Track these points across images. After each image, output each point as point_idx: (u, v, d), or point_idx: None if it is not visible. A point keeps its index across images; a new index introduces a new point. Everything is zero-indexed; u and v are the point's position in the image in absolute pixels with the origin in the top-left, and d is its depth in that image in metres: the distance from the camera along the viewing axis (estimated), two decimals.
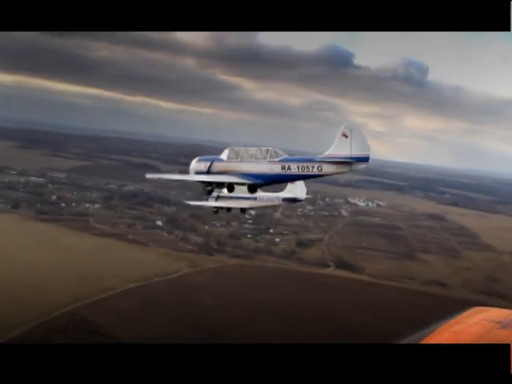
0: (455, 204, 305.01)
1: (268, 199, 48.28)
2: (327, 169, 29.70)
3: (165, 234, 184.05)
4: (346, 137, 28.39)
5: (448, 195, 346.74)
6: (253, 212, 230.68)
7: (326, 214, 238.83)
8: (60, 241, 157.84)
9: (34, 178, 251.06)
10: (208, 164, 32.96)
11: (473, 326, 10.22)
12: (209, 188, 33.51)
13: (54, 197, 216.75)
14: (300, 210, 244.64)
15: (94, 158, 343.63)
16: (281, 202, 48.64)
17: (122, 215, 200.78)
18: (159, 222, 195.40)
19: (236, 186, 40.28)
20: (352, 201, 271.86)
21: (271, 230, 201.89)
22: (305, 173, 30.09)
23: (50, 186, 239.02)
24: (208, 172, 32.42)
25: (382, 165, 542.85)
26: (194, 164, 34.09)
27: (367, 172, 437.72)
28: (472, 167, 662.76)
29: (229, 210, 49.27)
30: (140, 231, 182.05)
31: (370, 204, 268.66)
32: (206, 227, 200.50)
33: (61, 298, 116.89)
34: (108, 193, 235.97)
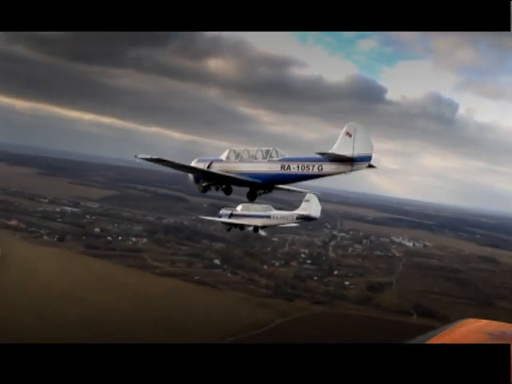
0: (494, 245, 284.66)
1: (282, 217, 45.25)
2: (328, 168, 27.20)
3: (228, 274, 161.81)
4: (350, 135, 25.91)
5: (478, 236, 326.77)
6: (307, 250, 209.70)
7: (380, 254, 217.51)
8: (122, 281, 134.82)
9: (68, 208, 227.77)
10: (207, 164, 31.31)
11: (464, 336, 9.40)
12: (204, 184, 31.65)
13: (96, 229, 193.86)
14: (351, 249, 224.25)
15: (119, 187, 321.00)
16: (295, 220, 45.21)
17: (174, 252, 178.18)
18: (217, 261, 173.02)
19: (249, 205, 42.62)
20: (396, 240, 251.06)
21: (336, 272, 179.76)
22: (305, 172, 28.04)
23: (87, 216, 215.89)
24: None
25: (399, 202, 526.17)
26: (194, 164, 31.96)
27: (388, 209, 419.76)
28: (485, 207, 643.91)
29: (242, 228, 47.02)
30: (201, 271, 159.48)
31: (417, 244, 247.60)
32: (265, 267, 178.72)
33: None
34: (149, 226, 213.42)
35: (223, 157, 31.18)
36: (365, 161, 26.03)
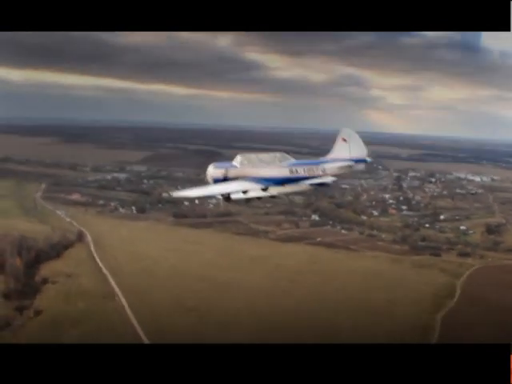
0: None
1: (296, 184, 38.59)
2: (330, 170, 29.72)
3: (342, 231, 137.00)
4: (345, 141, 28.62)
5: None
6: (389, 195, 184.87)
7: (463, 192, 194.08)
8: (254, 254, 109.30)
9: (116, 174, 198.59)
10: (224, 170, 31.37)
11: None
12: (227, 196, 32.17)
13: (165, 194, 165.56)
14: (427, 189, 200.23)
15: (149, 148, 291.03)
16: (308, 187, 38.65)
17: (266, 211, 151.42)
18: (315, 217, 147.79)
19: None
20: (462, 176, 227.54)
21: (442, 217, 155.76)
22: (310, 174, 30.17)
23: (145, 181, 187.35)
24: (225, 177, 30.73)
25: (409, 138, 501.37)
26: (212, 170, 31.55)
27: (411, 146, 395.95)
28: (493, 136, 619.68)
29: (259, 198, 41.04)
30: (314, 231, 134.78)
31: (484, 179, 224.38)
32: (365, 218, 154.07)
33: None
34: None
35: (237, 163, 30.93)
36: (361, 162, 28.93)
